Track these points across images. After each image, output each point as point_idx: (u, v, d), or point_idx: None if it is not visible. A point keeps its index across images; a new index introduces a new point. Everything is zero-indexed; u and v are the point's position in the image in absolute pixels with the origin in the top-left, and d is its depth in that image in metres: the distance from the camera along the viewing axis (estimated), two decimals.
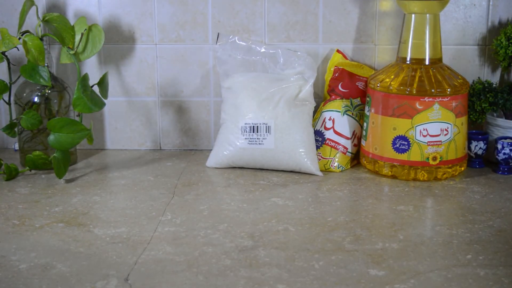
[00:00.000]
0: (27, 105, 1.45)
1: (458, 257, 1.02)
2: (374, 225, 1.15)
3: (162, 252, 1.04)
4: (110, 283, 0.94)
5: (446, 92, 1.35)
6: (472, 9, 1.53)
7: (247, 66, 1.50)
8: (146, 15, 1.56)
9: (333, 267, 0.99)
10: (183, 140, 1.63)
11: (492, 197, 1.29)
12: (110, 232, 1.12)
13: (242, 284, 0.94)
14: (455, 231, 1.13)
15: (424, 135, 1.36)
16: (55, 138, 1.35)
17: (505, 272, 0.97)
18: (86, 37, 1.44)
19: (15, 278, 0.95)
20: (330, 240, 1.09)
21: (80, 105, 1.35)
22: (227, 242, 1.08)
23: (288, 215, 1.20)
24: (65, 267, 0.99)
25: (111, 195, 1.31)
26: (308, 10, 1.54)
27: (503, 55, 1.47)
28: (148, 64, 1.58)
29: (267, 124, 1.42)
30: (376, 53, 1.56)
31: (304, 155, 1.42)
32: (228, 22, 1.55)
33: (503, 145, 1.41)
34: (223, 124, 1.48)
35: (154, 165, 1.51)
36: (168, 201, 1.27)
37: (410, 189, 1.34)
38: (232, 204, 1.26)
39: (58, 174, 1.37)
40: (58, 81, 1.48)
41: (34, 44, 1.35)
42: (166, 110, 1.61)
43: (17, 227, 1.15)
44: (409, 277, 0.95)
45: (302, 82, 1.45)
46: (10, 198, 1.29)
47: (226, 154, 1.45)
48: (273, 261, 1.01)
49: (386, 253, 1.04)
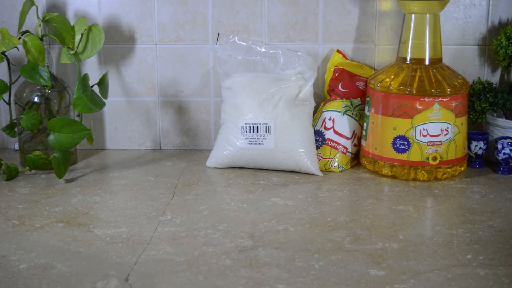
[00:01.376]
0: (27, 105, 1.45)
1: (458, 257, 1.02)
2: (374, 225, 1.15)
3: (162, 252, 1.04)
4: (110, 283, 0.94)
5: (446, 92, 1.35)
6: (472, 9, 1.53)
7: (247, 66, 1.50)
8: (146, 15, 1.56)
9: (333, 267, 0.99)
10: (183, 140, 1.63)
11: (492, 197, 1.29)
12: (110, 232, 1.12)
13: (242, 284, 0.94)
14: (455, 231, 1.13)
15: (424, 135, 1.36)
16: (55, 138, 1.35)
17: (505, 272, 0.97)
18: (86, 37, 1.44)
19: (15, 278, 0.95)
20: (330, 240, 1.09)
21: (80, 105, 1.35)
22: (227, 242, 1.08)
23: (288, 215, 1.20)
24: (65, 267, 0.99)
25: (111, 195, 1.31)
26: (308, 10, 1.54)
27: (503, 55, 1.47)
28: (148, 64, 1.58)
29: (267, 124, 1.42)
30: (376, 53, 1.56)
31: (304, 155, 1.42)
32: (228, 22, 1.55)
33: (503, 145, 1.41)
34: (223, 124, 1.48)
35: (154, 165, 1.51)
36: (168, 201, 1.27)
37: (410, 189, 1.34)
38: (232, 204, 1.26)
39: (58, 174, 1.37)
40: (58, 81, 1.48)
41: (34, 44, 1.35)
42: (166, 110, 1.61)
43: (17, 227, 1.15)
44: (409, 277, 0.95)
45: (302, 82, 1.45)
46: (10, 198, 1.29)
47: (226, 154, 1.45)
48: (273, 261, 1.01)
49: (386, 253, 1.04)
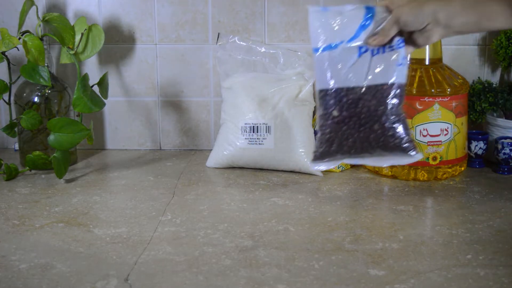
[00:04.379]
0: (27, 105, 1.45)
1: (458, 257, 1.02)
2: (374, 225, 1.15)
3: (162, 252, 1.04)
4: (110, 283, 0.94)
5: (446, 92, 1.35)
6: None
7: (247, 66, 1.50)
8: (146, 15, 1.56)
9: (333, 267, 0.99)
10: (183, 140, 1.63)
11: (492, 197, 1.29)
12: (110, 232, 1.12)
13: (242, 284, 0.94)
14: (455, 231, 1.13)
15: (424, 135, 1.36)
16: (55, 138, 1.35)
17: (505, 272, 0.97)
18: (86, 37, 1.44)
19: (15, 278, 0.95)
20: (330, 240, 1.09)
21: (80, 105, 1.35)
22: (227, 242, 1.08)
23: (288, 215, 1.20)
24: (65, 267, 0.99)
25: (111, 195, 1.31)
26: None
27: (503, 55, 1.47)
28: (148, 64, 1.58)
29: (267, 124, 1.42)
30: None
31: (304, 155, 1.42)
32: (228, 22, 1.55)
33: (503, 145, 1.41)
34: (223, 124, 1.48)
35: (154, 165, 1.51)
36: (168, 201, 1.27)
37: (410, 189, 1.34)
38: (232, 204, 1.26)
39: (58, 174, 1.37)
40: (58, 81, 1.48)
41: (34, 44, 1.35)
42: (166, 110, 1.61)
43: (17, 227, 1.15)
44: (409, 277, 0.95)
45: (302, 82, 1.45)
46: (10, 198, 1.29)
47: (226, 154, 1.45)
48: (273, 261, 1.01)
49: (386, 253, 1.04)
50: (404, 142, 1.01)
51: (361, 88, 1.02)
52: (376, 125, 1.02)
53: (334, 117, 1.04)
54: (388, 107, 1.01)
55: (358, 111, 1.03)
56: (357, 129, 1.03)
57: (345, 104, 1.03)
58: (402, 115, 1.02)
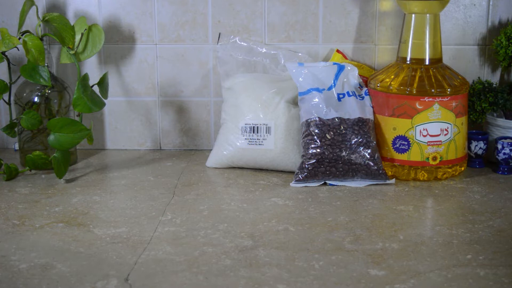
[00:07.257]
0: (27, 105, 1.45)
1: (458, 257, 1.02)
2: (374, 225, 1.15)
3: (162, 252, 1.04)
4: (110, 283, 0.94)
5: (446, 92, 1.35)
6: (472, 9, 1.53)
7: (248, 66, 1.50)
8: (146, 15, 1.56)
9: (333, 267, 0.99)
10: (183, 140, 1.63)
11: (492, 197, 1.29)
12: (110, 232, 1.12)
13: (242, 284, 0.94)
14: (455, 231, 1.13)
15: (424, 135, 1.36)
16: (55, 138, 1.35)
17: (505, 272, 0.97)
18: (86, 37, 1.44)
19: (15, 278, 0.95)
20: (330, 240, 1.09)
21: (80, 105, 1.35)
22: (227, 242, 1.08)
23: (288, 215, 1.20)
24: (65, 267, 0.99)
25: (111, 195, 1.31)
26: (308, 10, 1.54)
27: (503, 55, 1.47)
28: (148, 64, 1.58)
29: (267, 124, 1.42)
30: (376, 53, 1.56)
31: None
32: (228, 22, 1.55)
33: (503, 145, 1.41)
34: (223, 124, 1.48)
35: (154, 165, 1.51)
36: (168, 201, 1.27)
37: (410, 189, 1.34)
38: (232, 204, 1.26)
39: (58, 174, 1.37)
40: (58, 81, 1.48)
41: (34, 44, 1.35)
42: (166, 110, 1.61)
43: (17, 227, 1.15)
44: (409, 277, 0.95)
45: None
46: (10, 198, 1.29)
47: (226, 154, 1.45)
48: (273, 261, 1.01)
49: (386, 253, 1.04)
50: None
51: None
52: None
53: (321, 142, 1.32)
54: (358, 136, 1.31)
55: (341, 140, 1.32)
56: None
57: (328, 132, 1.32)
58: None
